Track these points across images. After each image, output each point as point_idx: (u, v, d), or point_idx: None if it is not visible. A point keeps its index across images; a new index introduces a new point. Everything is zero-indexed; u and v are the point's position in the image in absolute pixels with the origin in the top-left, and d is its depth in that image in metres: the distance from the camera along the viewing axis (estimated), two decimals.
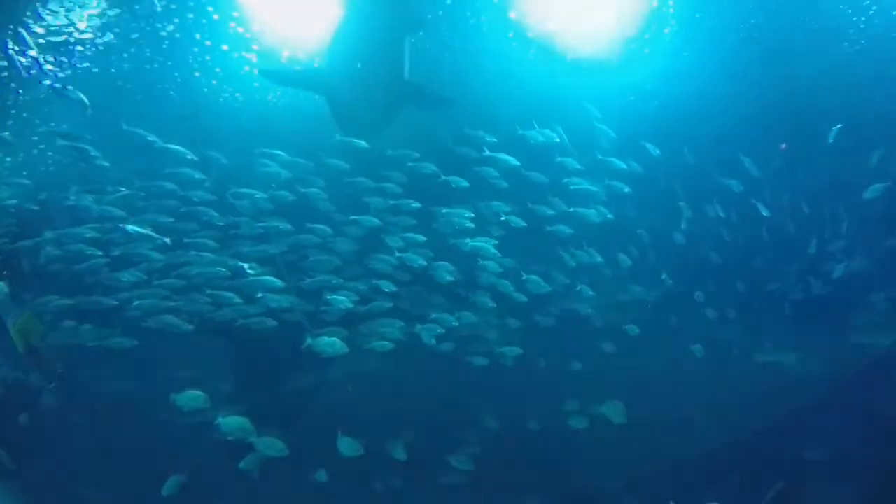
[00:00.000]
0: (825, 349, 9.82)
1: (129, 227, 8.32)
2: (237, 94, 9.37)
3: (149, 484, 8.67)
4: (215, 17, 8.17)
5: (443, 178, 8.53)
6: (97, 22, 8.15)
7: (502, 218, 9.04)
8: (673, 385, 9.64)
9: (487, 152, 8.40)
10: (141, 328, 8.87)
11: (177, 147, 8.14)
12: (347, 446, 8.28)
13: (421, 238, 8.89)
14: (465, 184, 8.67)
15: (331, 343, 8.09)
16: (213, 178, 8.67)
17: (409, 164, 8.66)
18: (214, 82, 9.15)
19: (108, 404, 10.29)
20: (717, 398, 9.58)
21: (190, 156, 8.16)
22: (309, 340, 8.14)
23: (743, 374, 9.98)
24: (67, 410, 10.25)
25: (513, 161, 8.47)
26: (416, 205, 8.90)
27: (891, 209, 9.79)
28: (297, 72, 8.10)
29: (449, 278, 9.00)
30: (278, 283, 8.60)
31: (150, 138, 7.92)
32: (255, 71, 8.73)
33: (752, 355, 10.11)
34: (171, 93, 9.40)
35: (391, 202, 8.95)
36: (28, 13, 8.00)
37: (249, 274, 8.50)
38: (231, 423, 7.72)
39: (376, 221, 8.84)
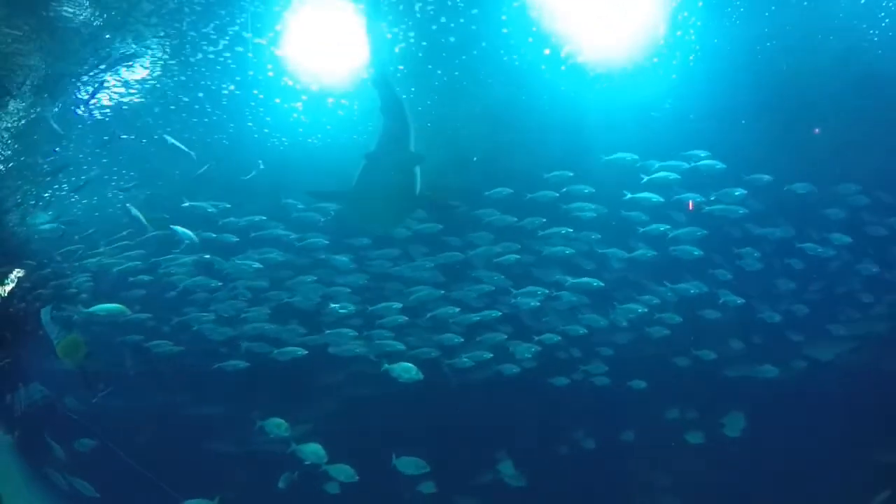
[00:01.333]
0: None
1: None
2: (283, 139, 10.18)
3: None
4: (270, 74, 8.87)
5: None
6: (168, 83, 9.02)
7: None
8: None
9: (629, 195, 9.55)
10: None
11: (290, 200, 9.88)
12: (408, 465, 8.78)
13: (513, 257, 9.72)
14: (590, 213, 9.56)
15: (407, 369, 8.67)
16: None
17: None
18: (266, 130, 9.93)
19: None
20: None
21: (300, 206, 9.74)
22: (385, 366, 8.72)
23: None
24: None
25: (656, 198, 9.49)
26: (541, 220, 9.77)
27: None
28: (337, 193, 9.67)
29: (535, 304, 9.62)
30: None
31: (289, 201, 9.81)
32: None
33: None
34: (225, 141, 10.20)
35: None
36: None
37: (339, 312, 9.27)
38: (307, 449, 8.27)
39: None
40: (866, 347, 10.27)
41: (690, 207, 10.13)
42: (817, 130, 10.63)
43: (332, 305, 9.67)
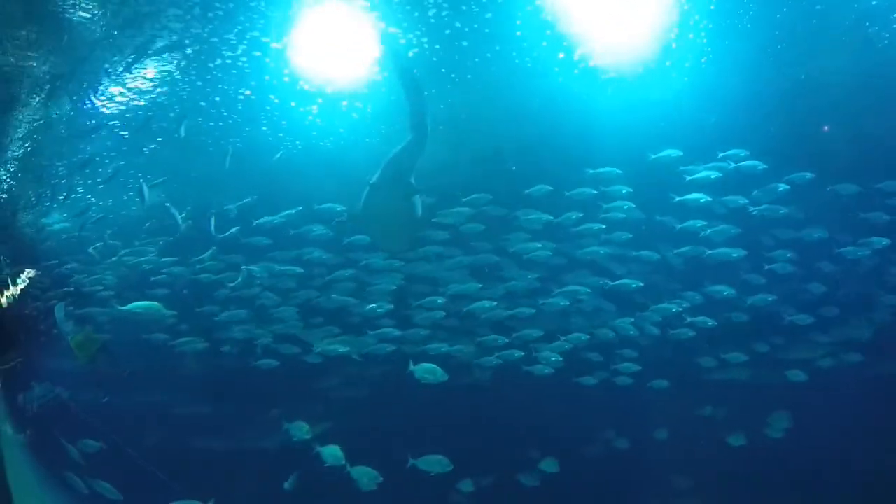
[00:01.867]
0: None
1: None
2: (297, 142, 10.22)
3: None
4: (286, 79, 8.93)
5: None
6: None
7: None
8: None
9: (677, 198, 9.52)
10: None
11: (331, 204, 9.85)
12: (433, 464, 8.84)
13: (545, 253, 9.68)
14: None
15: (431, 370, 8.74)
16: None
17: None
18: (281, 134, 9.99)
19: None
20: None
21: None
22: (411, 366, 8.87)
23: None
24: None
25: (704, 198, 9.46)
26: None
27: None
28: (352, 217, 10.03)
29: (564, 303, 9.63)
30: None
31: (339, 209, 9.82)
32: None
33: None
34: (239, 143, 10.23)
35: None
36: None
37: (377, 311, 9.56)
38: (328, 451, 8.36)
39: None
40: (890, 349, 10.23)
41: None
42: (826, 128, 10.59)
43: (370, 305, 9.70)
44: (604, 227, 9.53)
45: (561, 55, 8.91)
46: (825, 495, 9.49)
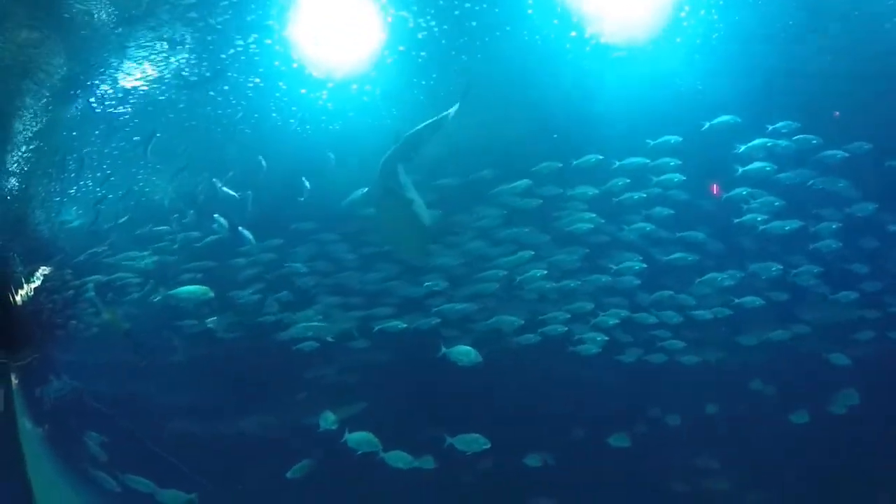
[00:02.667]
0: None
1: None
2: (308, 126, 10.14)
3: None
4: (294, 65, 8.89)
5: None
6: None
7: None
8: None
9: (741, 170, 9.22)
10: None
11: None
12: (468, 443, 8.68)
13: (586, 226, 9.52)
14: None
15: (466, 352, 8.60)
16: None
17: None
18: (292, 121, 9.95)
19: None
20: None
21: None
22: (443, 350, 8.71)
23: None
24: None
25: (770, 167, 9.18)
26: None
27: None
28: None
29: (604, 279, 9.42)
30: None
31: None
32: None
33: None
34: (247, 130, 10.22)
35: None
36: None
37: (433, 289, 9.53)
38: (357, 437, 8.35)
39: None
40: None
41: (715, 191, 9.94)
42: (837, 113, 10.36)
43: (427, 283, 9.61)
44: (644, 195, 9.30)
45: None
46: (864, 475, 9.37)
